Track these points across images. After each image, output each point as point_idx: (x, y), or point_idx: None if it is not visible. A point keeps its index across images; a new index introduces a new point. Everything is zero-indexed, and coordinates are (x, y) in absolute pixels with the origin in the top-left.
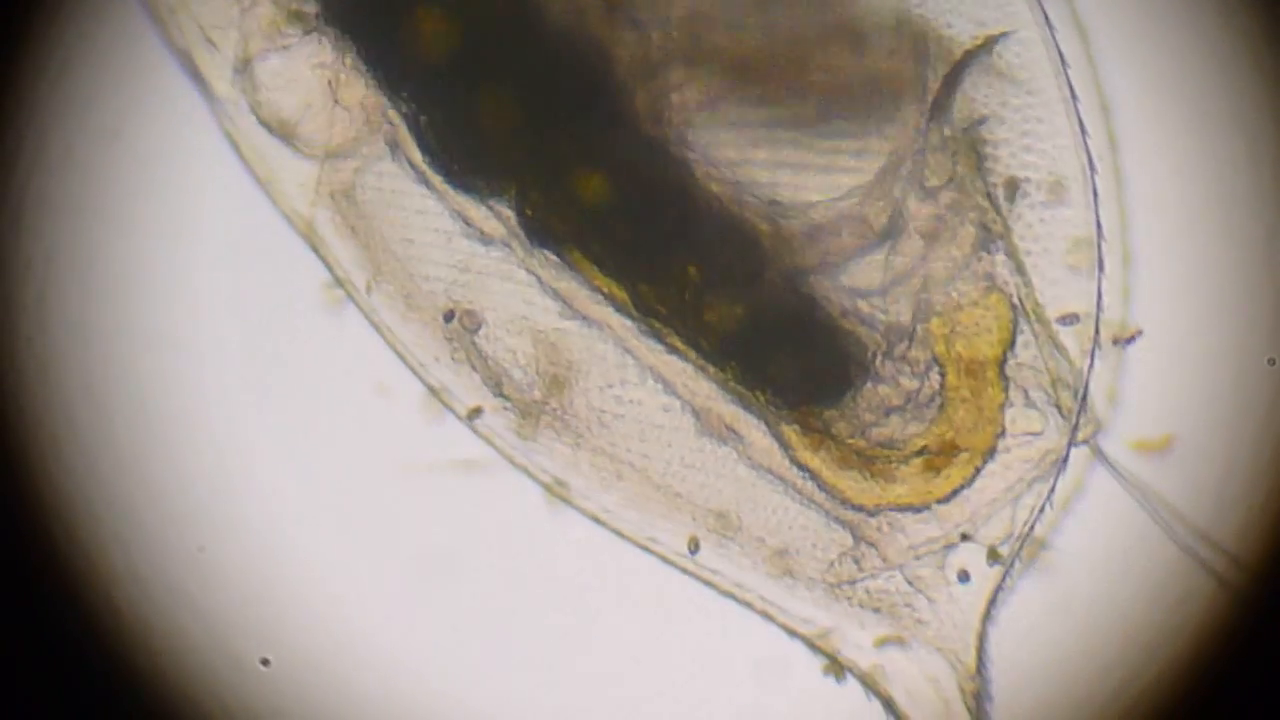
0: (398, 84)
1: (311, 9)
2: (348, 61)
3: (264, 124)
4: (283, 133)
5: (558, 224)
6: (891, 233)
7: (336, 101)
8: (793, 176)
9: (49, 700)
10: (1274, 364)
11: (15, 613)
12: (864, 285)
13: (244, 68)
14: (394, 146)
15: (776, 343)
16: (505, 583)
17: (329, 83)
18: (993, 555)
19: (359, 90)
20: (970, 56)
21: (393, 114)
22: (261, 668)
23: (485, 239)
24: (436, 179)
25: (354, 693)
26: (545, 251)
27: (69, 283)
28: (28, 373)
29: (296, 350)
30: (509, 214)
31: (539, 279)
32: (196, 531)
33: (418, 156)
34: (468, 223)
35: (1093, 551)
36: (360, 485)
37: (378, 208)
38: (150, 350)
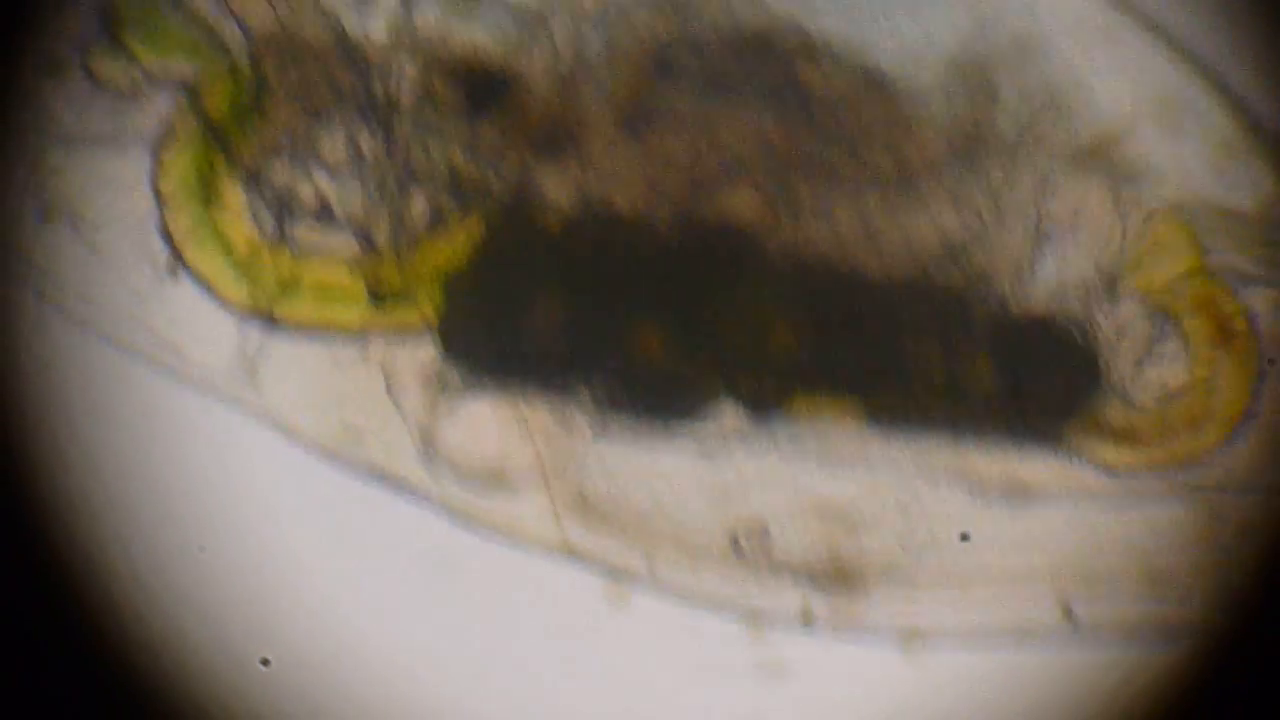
0: (563, 379)
1: (453, 375)
2: (512, 387)
3: (474, 482)
4: (497, 482)
5: (772, 391)
6: (1049, 219)
7: (528, 424)
8: (944, 218)
9: (49, 700)
10: (1274, 364)
11: (15, 613)
12: (1055, 278)
13: (429, 450)
14: (599, 429)
15: (1028, 368)
16: (505, 583)
17: (509, 415)
18: None
19: (537, 405)
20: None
21: (576, 406)
22: (261, 668)
23: (721, 454)
24: (649, 430)
25: (354, 693)
26: (779, 423)
27: (68, 283)
28: (28, 373)
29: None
30: (729, 413)
31: (788, 454)
32: (196, 531)
33: (620, 423)
34: (700, 447)
35: None
36: (360, 485)
37: (615, 492)
38: (150, 350)
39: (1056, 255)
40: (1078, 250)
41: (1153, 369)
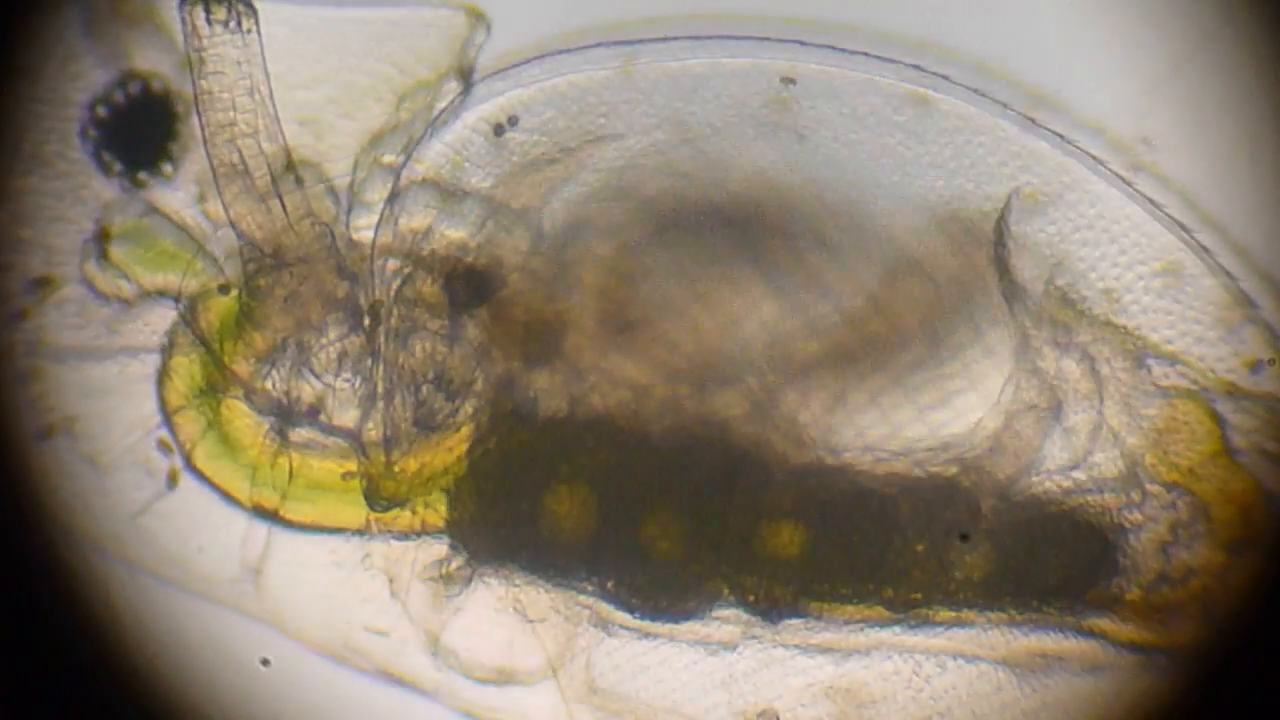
0: (569, 574)
1: (458, 565)
2: (517, 581)
3: (484, 682)
4: (505, 679)
5: (780, 591)
6: (1058, 401)
7: (530, 620)
8: (944, 411)
9: (50, 701)
10: (1274, 364)
11: (15, 613)
12: (1068, 461)
13: (437, 647)
14: (602, 624)
15: (1030, 558)
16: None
17: (514, 610)
18: None
19: (542, 597)
20: (998, 226)
21: (582, 599)
22: (261, 668)
23: (729, 646)
24: (656, 626)
25: (354, 693)
26: (786, 620)
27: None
28: (27, 374)
29: None
30: (734, 612)
31: (797, 646)
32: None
33: (627, 618)
34: (708, 644)
35: None
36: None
37: (625, 685)
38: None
39: (1073, 434)
40: (1094, 429)
41: (1174, 550)
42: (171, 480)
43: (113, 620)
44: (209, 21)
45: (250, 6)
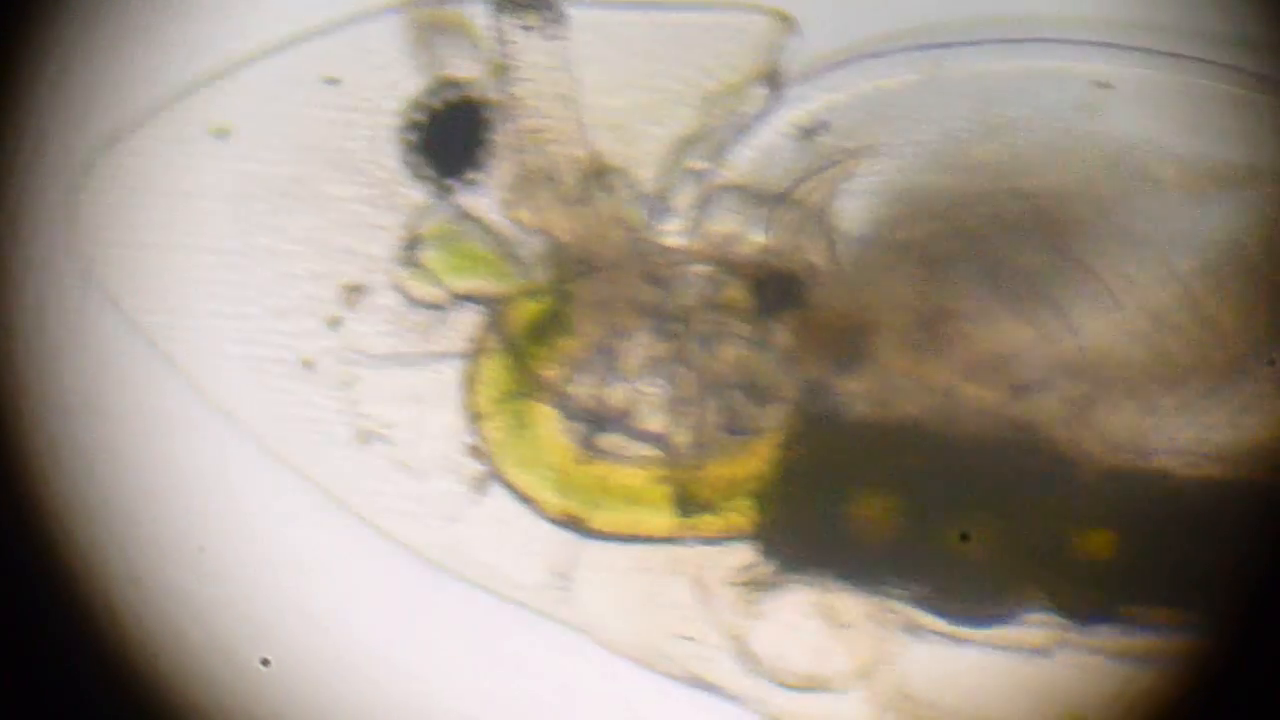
0: (878, 579)
1: (766, 570)
2: (826, 586)
3: (793, 689)
4: (814, 685)
5: (1094, 594)
6: None
7: (840, 626)
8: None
9: (50, 701)
10: (1274, 364)
11: (15, 613)
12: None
13: (745, 653)
14: (911, 629)
15: None
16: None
17: (823, 615)
18: None
19: (850, 602)
20: None
21: (891, 604)
22: (261, 668)
23: (1040, 650)
24: (967, 630)
25: (354, 693)
26: (1098, 625)
27: (69, 284)
28: (26, 375)
29: None
30: (1043, 618)
31: (1109, 651)
32: (196, 531)
33: (937, 623)
34: (1019, 649)
35: None
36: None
37: (936, 691)
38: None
39: None
40: None
41: None
42: (481, 486)
43: (113, 620)
44: (521, 28)
45: (561, 13)
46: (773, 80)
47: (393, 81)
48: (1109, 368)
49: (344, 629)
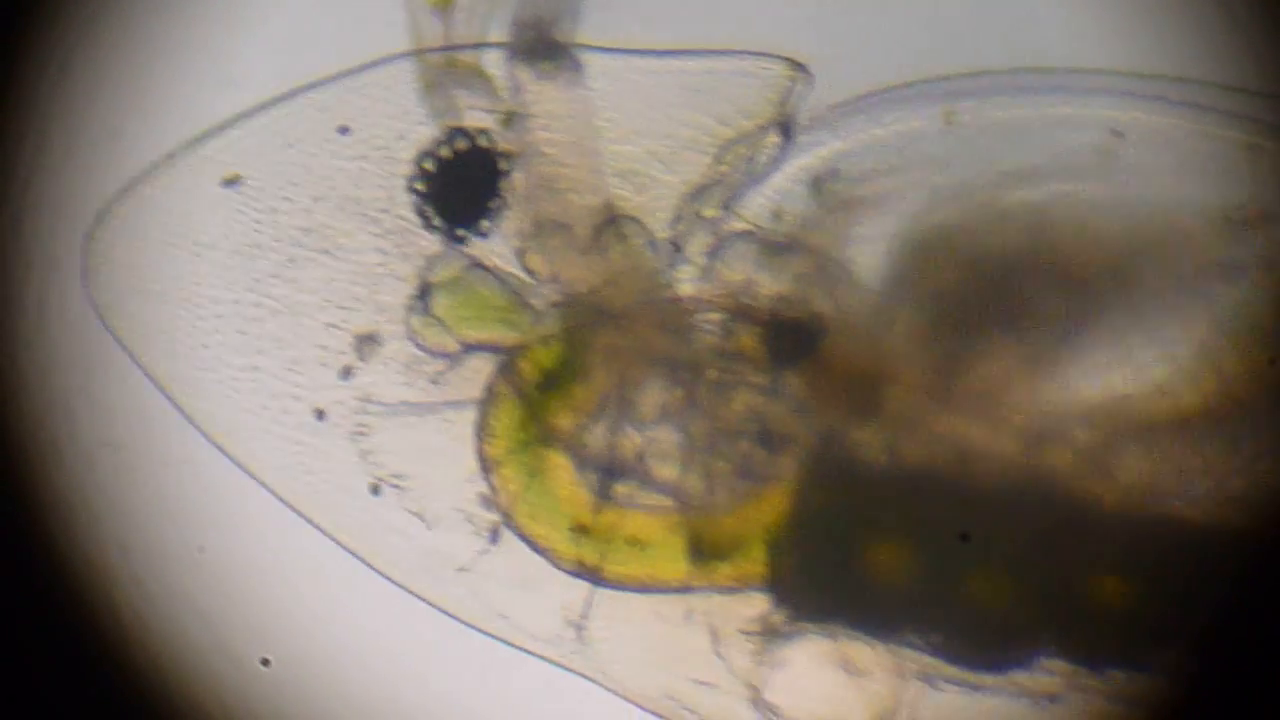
0: (893, 627)
1: (780, 618)
2: (841, 635)
3: None
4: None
5: (1108, 640)
6: None
7: (855, 674)
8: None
9: (50, 701)
10: (1274, 364)
11: (15, 614)
12: None
13: (760, 702)
14: (927, 676)
15: None
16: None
17: (838, 663)
18: None
19: (865, 651)
20: None
21: (906, 651)
22: (261, 668)
23: (1052, 697)
24: (981, 677)
25: (354, 693)
26: (1111, 671)
27: (69, 284)
28: (28, 375)
29: None
30: (1057, 664)
31: (1118, 697)
32: (196, 531)
33: (952, 670)
34: (1032, 695)
35: None
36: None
37: None
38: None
39: None
40: None
41: None
42: (494, 535)
43: (115, 620)
44: (537, 76)
45: (577, 62)
46: (786, 127)
47: (405, 130)
48: (1125, 416)
49: (344, 629)
